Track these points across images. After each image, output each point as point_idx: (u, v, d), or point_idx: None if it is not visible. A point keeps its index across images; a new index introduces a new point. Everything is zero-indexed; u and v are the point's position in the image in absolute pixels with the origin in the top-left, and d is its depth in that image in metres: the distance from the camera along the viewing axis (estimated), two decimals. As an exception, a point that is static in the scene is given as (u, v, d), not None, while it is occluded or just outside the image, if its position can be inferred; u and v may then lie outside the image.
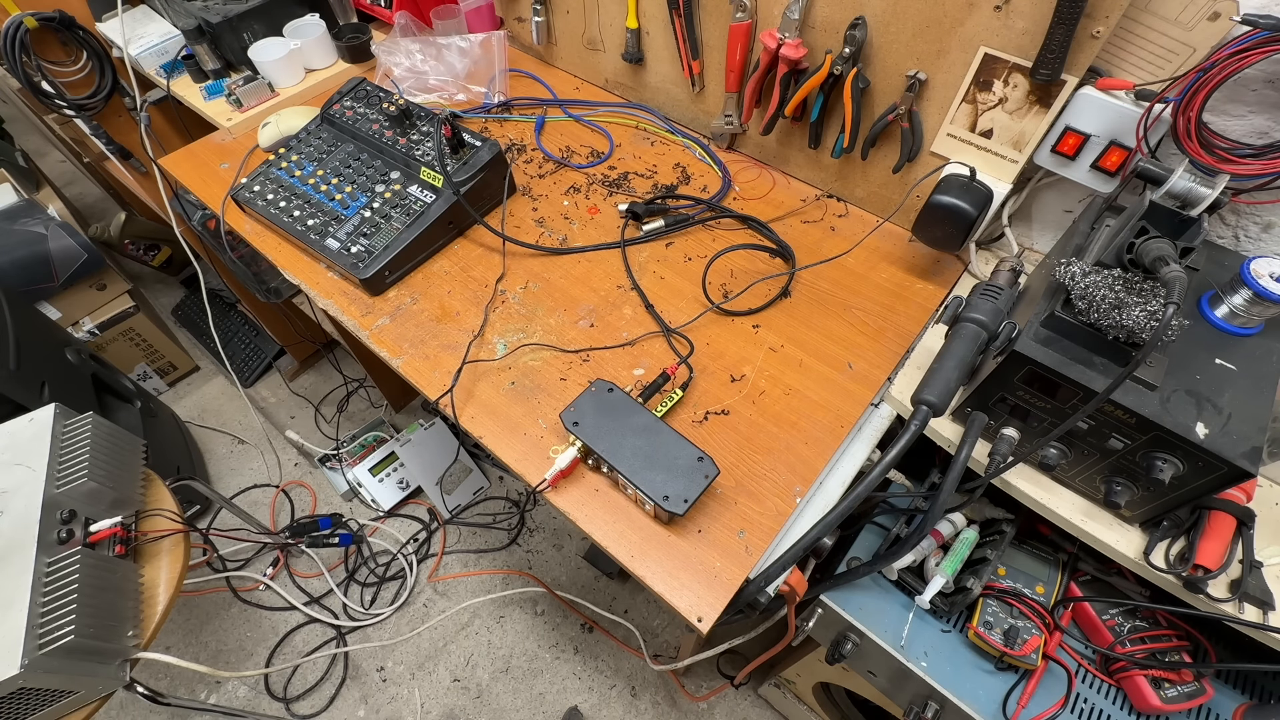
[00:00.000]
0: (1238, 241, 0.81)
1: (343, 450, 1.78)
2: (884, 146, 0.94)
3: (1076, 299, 0.62)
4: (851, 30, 0.84)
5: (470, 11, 1.24)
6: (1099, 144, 0.76)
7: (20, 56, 1.26)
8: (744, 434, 0.79)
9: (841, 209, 1.05)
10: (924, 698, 0.83)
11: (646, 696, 1.51)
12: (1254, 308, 0.66)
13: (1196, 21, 0.67)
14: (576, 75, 1.27)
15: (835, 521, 0.67)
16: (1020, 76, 0.77)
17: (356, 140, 1.03)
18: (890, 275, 0.96)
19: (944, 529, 0.87)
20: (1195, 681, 0.76)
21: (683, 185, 1.08)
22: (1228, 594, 0.66)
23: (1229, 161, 0.68)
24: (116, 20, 1.33)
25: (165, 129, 1.55)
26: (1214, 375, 0.64)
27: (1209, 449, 0.59)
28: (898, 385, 0.84)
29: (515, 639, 1.58)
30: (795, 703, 1.36)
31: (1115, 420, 0.63)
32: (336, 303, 0.92)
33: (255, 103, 1.20)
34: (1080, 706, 0.80)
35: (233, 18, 1.21)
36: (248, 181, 1.01)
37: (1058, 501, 0.74)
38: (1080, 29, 0.69)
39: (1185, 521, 0.70)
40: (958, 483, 0.66)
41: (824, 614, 0.88)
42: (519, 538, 1.73)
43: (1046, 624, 0.81)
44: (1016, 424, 0.73)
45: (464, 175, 0.95)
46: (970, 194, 0.82)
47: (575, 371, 0.85)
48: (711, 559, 0.70)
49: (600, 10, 1.11)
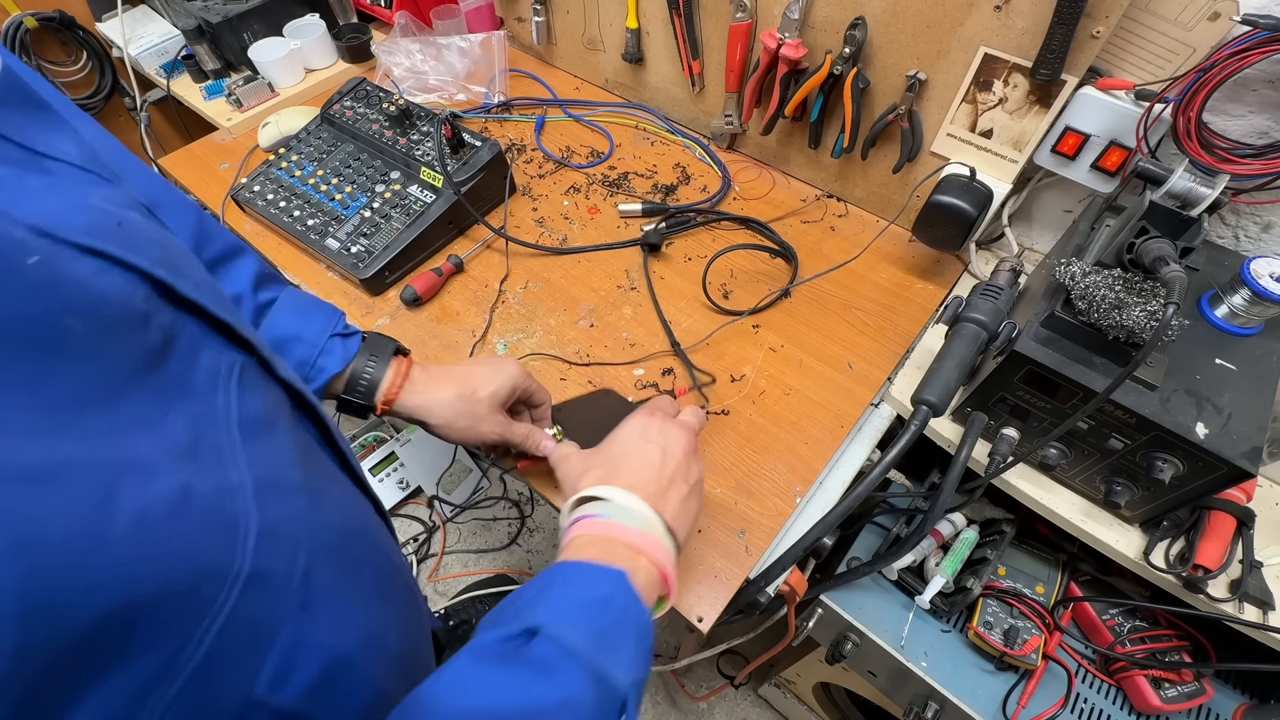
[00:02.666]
0: (1238, 241, 0.81)
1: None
2: (884, 146, 0.94)
3: (1076, 299, 0.62)
4: (851, 30, 0.84)
5: (470, 11, 1.25)
6: (1099, 144, 0.76)
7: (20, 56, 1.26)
8: (744, 434, 0.79)
9: (841, 209, 1.05)
10: (924, 698, 0.83)
11: (646, 696, 1.51)
12: (1254, 308, 0.66)
13: (1196, 21, 0.67)
14: (576, 75, 1.27)
15: (835, 521, 0.67)
16: (1020, 76, 0.77)
17: (356, 140, 1.03)
18: (890, 275, 0.96)
19: (944, 529, 0.87)
20: (1195, 681, 0.76)
21: (683, 185, 1.08)
22: (1228, 594, 0.66)
23: (1229, 161, 0.68)
24: (116, 20, 1.33)
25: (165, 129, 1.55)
26: (1214, 375, 0.64)
27: (1209, 449, 0.59)
28: (898, 385, 0.84)
29: (515, 639, 1.58)
30: (795, 703, 1.36)
31: (1115, 420, 0.63)
32: (337, 303, 0.92)
33: (255, 103, 1.20)
34: (1080, 706, 0.81)
35: (233, 18, 1.21)
36: (248, 181, 1.01)
37: (1058, 501, 0.74)
38: (1080, 29, 0.69)
39: (1185, 521, 0.70)
40: (958, 483, 0.66)
41: (824, 614, 0.88)
42: (519, 538, 1.73)
43: (1046, 624, 0.82)
44: (1016, 424, 0.73)
45: (464, 175, 0.95)
46: (970, 194, 0.82)
47: (575, 371, 0.85)
48: (711, 559, 0.70)
49: (600, 10, 1.11)
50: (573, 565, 0.42)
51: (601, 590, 0.41)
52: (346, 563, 0.37)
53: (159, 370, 0.27)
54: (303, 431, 0.39)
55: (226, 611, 0.26)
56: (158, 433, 0.26)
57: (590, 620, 0.38)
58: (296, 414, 0.40)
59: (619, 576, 0.42)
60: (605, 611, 0.39)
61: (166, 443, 0.26)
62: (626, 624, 0.40)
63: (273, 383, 0.37)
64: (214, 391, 0.30)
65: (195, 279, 0.32)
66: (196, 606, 0.25)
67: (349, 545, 0.38)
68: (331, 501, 0.38)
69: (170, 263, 0.30)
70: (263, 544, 0.28)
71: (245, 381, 0.33)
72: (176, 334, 0.29)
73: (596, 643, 0.37)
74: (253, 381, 0.34)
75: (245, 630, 0.27)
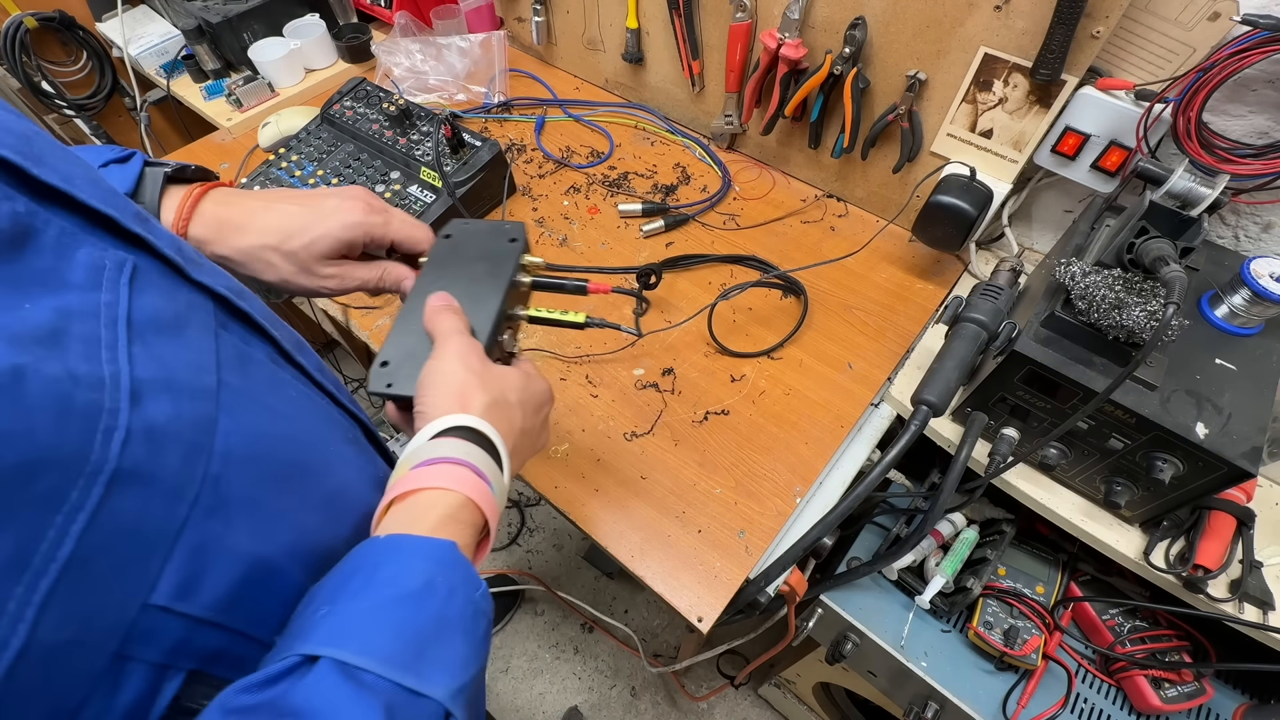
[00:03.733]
0: (1238, 241, 0.81)
1: (343, 450, 1.78)
2: (884, 146, 0.94)
3: (1076, 299, 0.62)
4: (851, 30, 0.84)
5: (470, 11, 1.25)
6: (1099, 144, 0.76)
7: (20, 56, 1.26)
8: (744, 434, 0.79)
9: (841, 209, 1.05)
10: (924, 698, 0.83)
11: (646, 696, 1.51)
12: (1254, 308, 0.66)
13: (1196, 21, 0.67)
14: (576, 75, 1.27)
15: (835, 521, 0.67)
16: (1020, 76, 0.77)
17: (356, 140, 1.03)
18: (890, 275, 0.96)
19: (944, 529, 0.87)
20: (1195, 681, 0.76)
21: (683, 185, 1.08)
22: (1228, 594, 0.66)
23: (1229, 161, 0.68)
24: (116, 20, 1.33)
25: (165, 129, 1.55)
26: (1214, 375, 0.64)
27: (1209, 449, 0.59)
28: (898, 385, 0.84)
29: (515, 639, 1.58)
30: (795, 703, 1.36)
31: (1115, 420, 0.63)
32: (336, 302, 0.93)
33: (255, 103, 1.20)
34: (1080, 706, 0.81)
35: (233, 18, 1.21)
36: (248, 181, 1.01)
37: (1058, 501, 0.74)
38: (1080, 29, 0.69)
39: (1185, 521, 0.70)
40: (958, 483, 0.66)
41: (824, 614, 0.88)
42: (519, 538, 1.73)
43: (1046, 624, 0.82)
44: (1016, 424, 0.73)
45: (464, 175, 0.95)
46: (970, 194, 0.82)
47: (575, 371, 0.85)
48: (711, 559, 0.70)
49: (600, 10, 1.11)
50: (385, 544, 0.35)
51: (417, 577, 0.33)
52: (284, 473, 0.35)
53: (13, 260, 0.26)
54: (234, 338, 0.37)
55: (90, 508, 0.25)
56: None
57: (399, 625, 0.32)
58: (227, 319, 0.37)
59: (444, 552, 0.35)
60: (420, 608, 0.32)
61: (10, 329, 0.25)
62: (449, 618, 0.33)
63: (186, 286, 0.35)
64: (96, 288, 0.29)
65: (66, 171, 0.30)
66: (40, 497, 0.24)
67: (290, 456, 0.36)
68: (268, 410, 0.36)
69: (30, 152, 0.29)
70: (138, 443, 0.27)
71: (142, 281, 0.31)
72: (38, 225, 0.28)
73: (404, 656, 0.30)
74: (153, 282, 0.32)
75: (126, 532, 0.26)
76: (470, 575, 0.36)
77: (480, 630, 0.35)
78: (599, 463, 0.77)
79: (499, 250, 0.55)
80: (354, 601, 0.32)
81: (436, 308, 0.48)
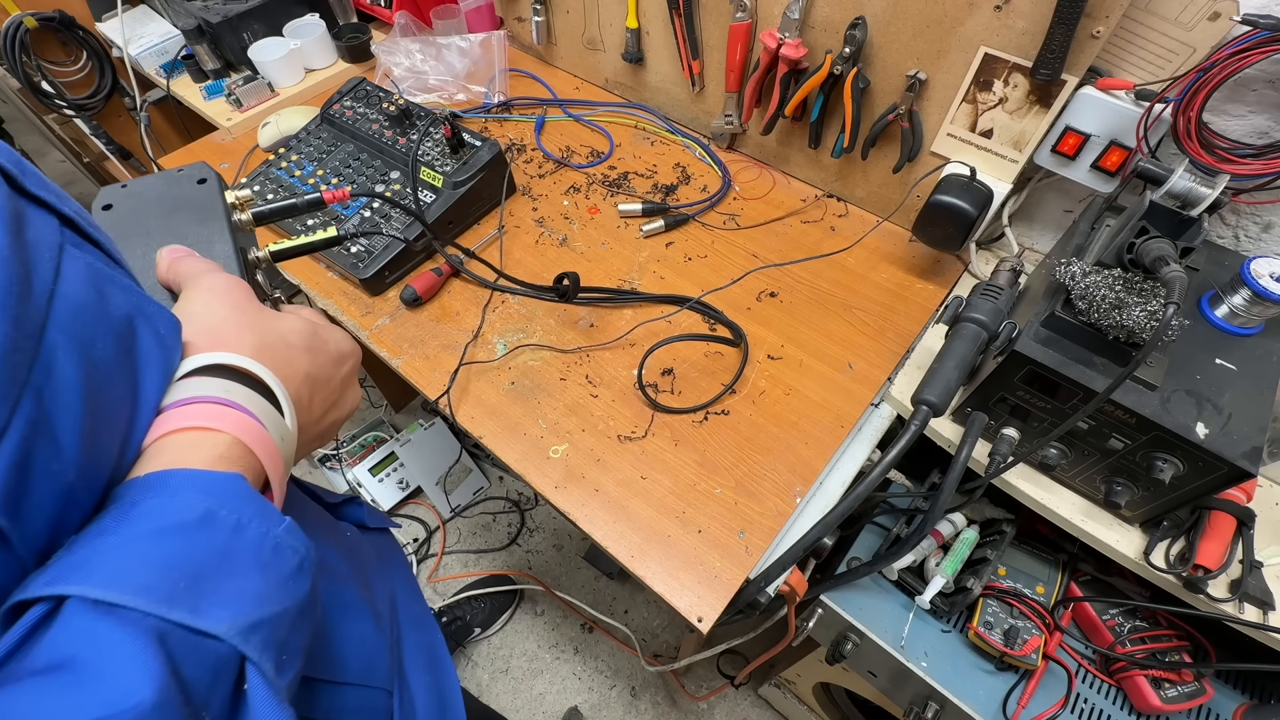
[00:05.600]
0: (1238, 241, 0.81)
1: (342, 450, 1.78)
2: (884, 146, 0.94)
3: (1076, 299, 0.62)
4: (851, 30, 0.84)
5: (470, 11, 1.25)
6: (1099, 144, 0.76)
7: (20, 56, 1.26)
8: (744, 434, 0.79)
9: (841, 209, 1.05)
10: (924, 698, 0.83)
11: (646, 696, 1.51)
12: (1254, 308, 0.66)
13: (1196, 21, 0.67)
14: (576, 75, 1.27)
15: (835, 521, 0.67)
16: (1020, 76, 0.77)
17: (356, 140, 1.03)
18: (890, 275, 0.96)
19: (944, 529, 0.87)
20: (1195, 681, 0.76)
21: (683, 185, 1.08)
22: (1228, 594, 0.66)
23: (1229, 161, 0.68)
24: (116, 20, 1.33)
25: (165, 129, 1.55)
26: (1214, 375, 0.64)
27: (1209, 449, 0.59)
28: (898, 385, 0.84)
29: (515, 639, 1.58)
30: (795, 703, 1.35)
31: (1115, 420, 0.63)
32: (336, 302, 0.92)
33: (255, 103, 1.20)
34: (1080, 706, 0.81)
35: (233, 18, 1.21)
36: (247, 181, 1.01)
37: (1058, 501, 0.74)
38: (1080, 29, 0.69)
39: (1185, 522, 0.70)
40: (958, 483, 0.66)
41: (824, 614, 0.88)
42: (519, 538, 1.73)
43: (1046, 624, 0.82)
44: (1016, 424, 0.73)
45: (464, 175, 0.95)
46: (970, 194, 0.82)
47: (575, 371, 0.85)
48: (711, 559, 0.70)
49: (600, 10, 1.11)
50: (145, 481, 0.28)
51: (190, 510, 0.28)
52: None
53: None
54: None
55: None
56: None
57: (160, 557, 0.26)
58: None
59: (228, 483, 0.30)
60: (193, 540, 0.27)
61: None
62: (235, 551, 0.28)
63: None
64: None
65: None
66: None
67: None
68: None
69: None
70: None
71: None
72: None
73: (168, 589, 0.25)
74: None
75: None
76: (266, 510, 0.30)
77: (287, 568, 0.30)
78: (599, 463, 0.77)
79: (192, 196, 0.47)
80: (101, 538, 0.26)
81: (176, 257, 0.39)
